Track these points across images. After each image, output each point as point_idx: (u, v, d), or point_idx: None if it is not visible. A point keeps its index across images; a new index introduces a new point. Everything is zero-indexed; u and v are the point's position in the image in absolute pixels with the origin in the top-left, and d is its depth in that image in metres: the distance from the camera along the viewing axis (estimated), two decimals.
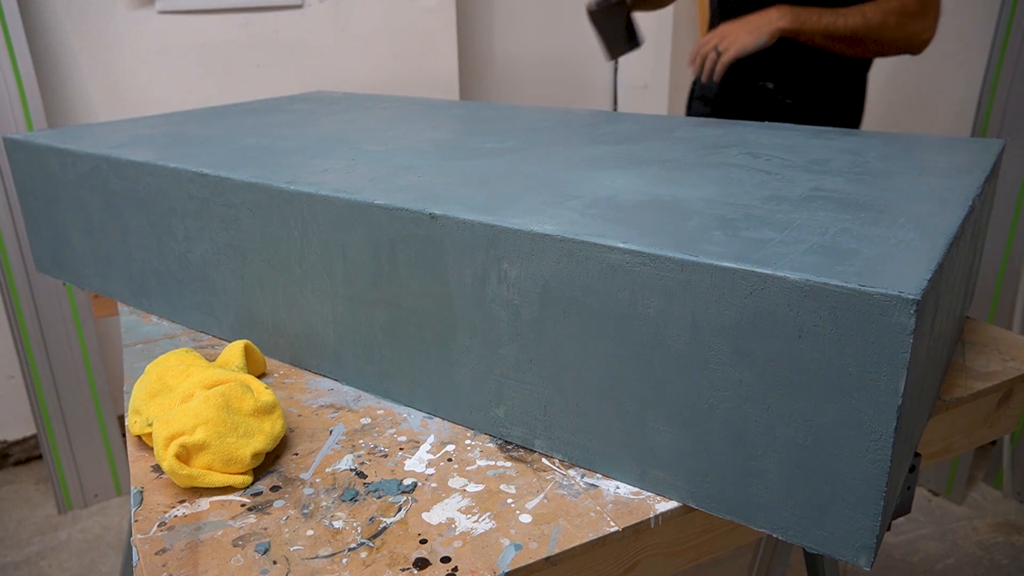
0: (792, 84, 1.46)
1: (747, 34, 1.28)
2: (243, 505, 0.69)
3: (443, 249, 0.73)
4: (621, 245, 0.62)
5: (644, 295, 0.62)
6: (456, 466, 0.73)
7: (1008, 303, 1.84)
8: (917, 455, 0.77)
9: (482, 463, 0.74)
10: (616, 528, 0.65)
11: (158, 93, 2.00)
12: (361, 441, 0.78)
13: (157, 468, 0.74)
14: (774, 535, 0.63)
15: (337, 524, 0.66)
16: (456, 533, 0.64)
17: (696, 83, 1.65)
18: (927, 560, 1.74)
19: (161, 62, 1.98)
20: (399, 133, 1.12)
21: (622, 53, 1.39)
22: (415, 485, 0.71)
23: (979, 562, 1.73)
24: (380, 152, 0.99)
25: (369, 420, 0.81)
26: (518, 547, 0.63)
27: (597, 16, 1.35)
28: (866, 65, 1.48)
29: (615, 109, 1.52)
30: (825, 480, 0.58)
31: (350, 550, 0.63)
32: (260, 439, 0.72)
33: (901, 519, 1.82)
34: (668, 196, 0.76)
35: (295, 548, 0.63)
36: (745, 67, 1.46)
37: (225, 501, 0.69)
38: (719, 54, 1.30)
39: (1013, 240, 1.79)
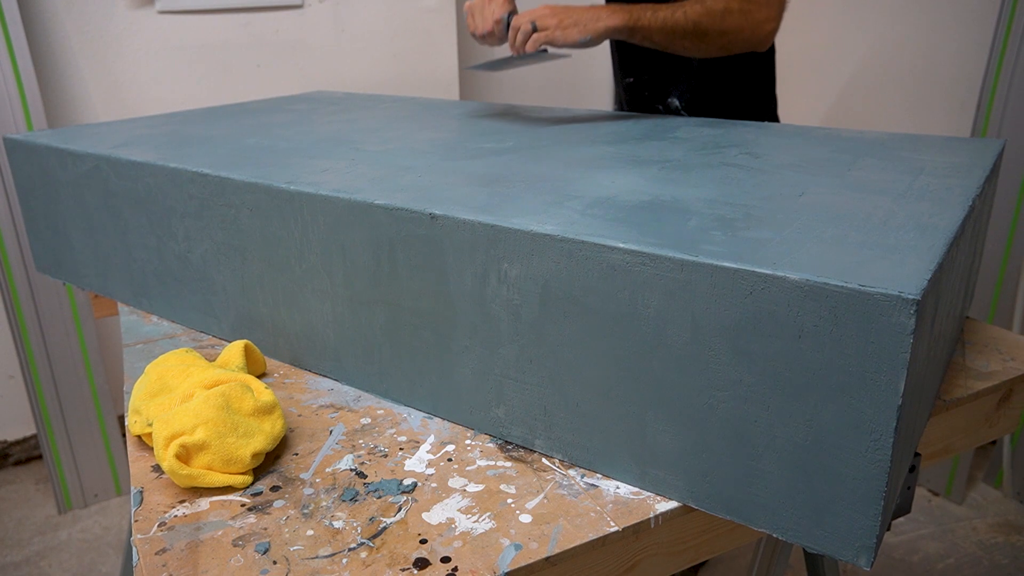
0: (699, 101, 1.39)
1: (572, 26, 1.13)
2: (243, 505, 0.69)
3: (443, 249, 0.73)
4: (621, 245, 0.62)
5: (644, 295, 0.62)
6: (456, 466, 0.73)
7: (1008, 303, 1.84)
8: (917, 455, 0.77)
9: (482, 463, 0.74)
10: (616, 528, 0.65)
11: (158, 93, 2.00)
12: (361, 441, 0.78)
13: (157, 468, 0.74)
14: (774, 535, 0.63)
15: (337, 524, 0.66)
16: (456, 533, 0.64)
17: (617, 98, 1.57)
18: (927, 560, 1.74)
19: (161, 62, 1.98)
20: (399, 133, 1.12)
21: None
22: (415, 485, 0.71)
23: (979, 562, 1.73)
24: (380, 152, 0.99)
25: (369, 420, 0.81)
26: (518, 547, 0.62)
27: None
28: (772, 78, 1.40)
29: (614, 109, 1.52)
30: (825, 480, 0.58)
31: (350, 550, 0.63)
32: (260, 439, 0.72)
33: (901, 519, 1.82)
34: (668, 196, 0.76)
35: (295, 548, 0.63)
36: (649, 85, 1.41)
37: (225, 501, 0.69)
38: (535, 30, 1.14)
39: (1013, 240, 1.79)
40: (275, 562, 0.62)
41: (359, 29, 2.20)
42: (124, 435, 1.44)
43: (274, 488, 0.71)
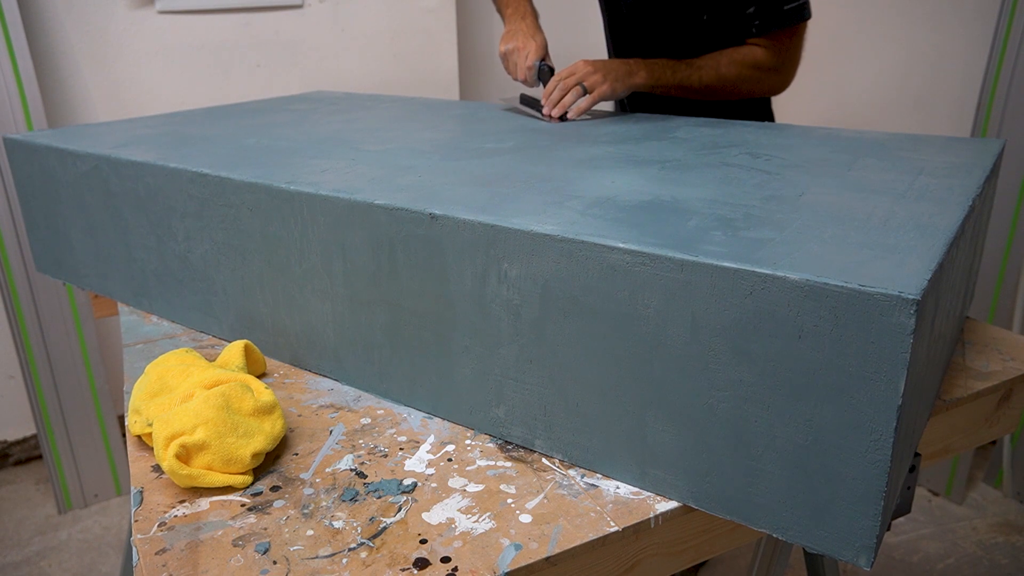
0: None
1: (616, 80, 1.21)
2: (243, 505, 0.69)
3: (443, 249, 0.73)
4: (621, 245, 0.62)
5: (644, 295, 0.62)
6: (456, 466, 0.73)
7: (1008, 303, 1.84)
8: (917, 455, 0.77)
9: (482, 463, 0.74)
10: (616, 528, 0.65)
11: (158, 93, 2.00)
12: (361, 441, 0.78)
13: (157, 468, 0.74)
14: (774, 535, 0.63)
15: (337, 524, 0.66)
16: (456, 533, 0.64)
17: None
18: (927, 560, 1.74)
19: (161, 62, 1.98)
20: (399, 133, 1.12)
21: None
22: (415, 485, 0.71)
23: (979, 562, 1.73)
24: (380, 152, 0.99)
25: (369, 420, 0.81)
26: (518, 547, 0.62)
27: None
28: (767, 102, 1.44)
29: (615, 109, 1.52)
30: (825, 480, 0.58)
31: (350, 550, 0.63)
32: (260, 439, 0.72)
33: (901, 519, 1.82)
34: (668, 196, 0.76)
35: (295, 548, 0.63)
36: (643, 109, 1.44)
37: (225, 501, 0.69)
38: (585, 91, 1.21)
39: (1013, 240, 1.79)
40: (275, 562, 0.62)
41: (359, 29, 2.20)
42: (124, 435, 1.44)
43: (274, 488, 0.71)
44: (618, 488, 0.69)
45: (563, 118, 1.21)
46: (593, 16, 1.51)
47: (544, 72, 1.26)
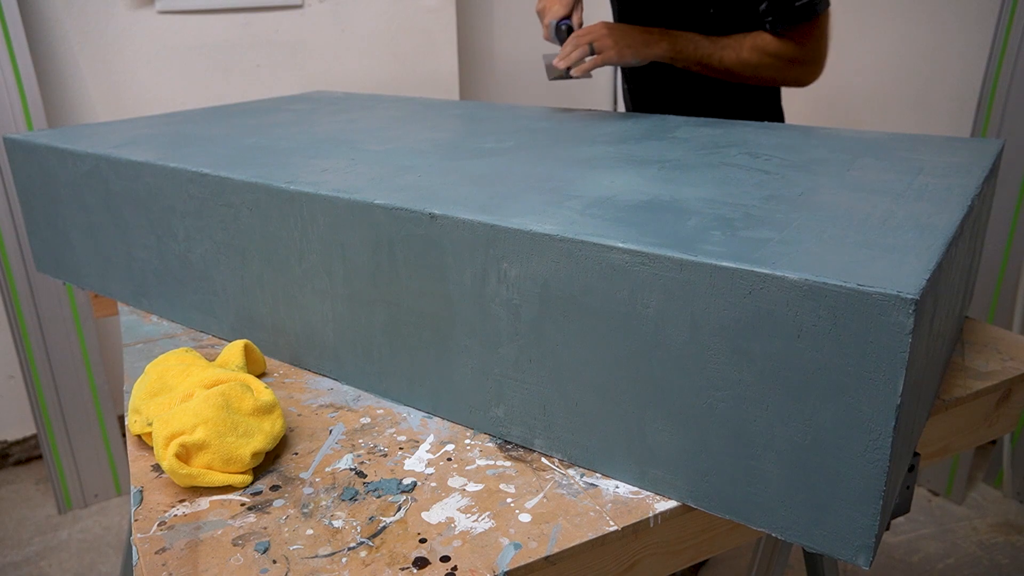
0: (701, 115, 1.40)
1: (626, 47, 1.20)
2: (243, 504, 0.69)
3: (443, 249, 0.73)
4: (620, 245, 0.62)
5: (643, 295, 0.62)
6: (455, 465, 0.73)
7: (1008, 303, 1.84)
8: (916, 455, 0.77)
9: (481, 463, 0.74)
10: (615, 527, 0.65)
11: (158, 93, 2.00)
12: (361, 440, 0.78)
13: (157, 468, 0.74)
14: (773, 534, 0.63)
15: (337, 523, 0.66)
16: (455, 532, 0.64)
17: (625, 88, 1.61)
18: (927, 560, 1.74)
19: (161, 62, 1.98)
20: (399, 133, 1.12)
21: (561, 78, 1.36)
22: (415, 484, 0.71)
23: (979, 562, 1.73)
24: (380, 152, 0.99)
25: (369, 420, 0.81)
26: (517, 546, 0.63)
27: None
28: (776, 94, 1.42)
29: (615, 109, 1.52)
30: (824, 479, 0.58)
31: (350, 549, 0.63)
32: (260, 438, 0.72)
33: (901, 519, 1.82)
34: (667, 196, 0.76)
35: (295, 547, 0.63)
36: (651, 97, 1.44)
37: (225, 500, 0.69)
38: (592, 52, 1.21)
39: (1013, 240, 1.79)
40: (275, 561, 0.62)
41: (359, 29, 2.20)
42: (124, 435, 1.44)
43: (274, 487, 0.71)
44: (617, 487, 0.69)
45: (569, 72, 1.23)
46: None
47: (561, 31, 1.26)
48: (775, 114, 1.43)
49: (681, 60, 1.24)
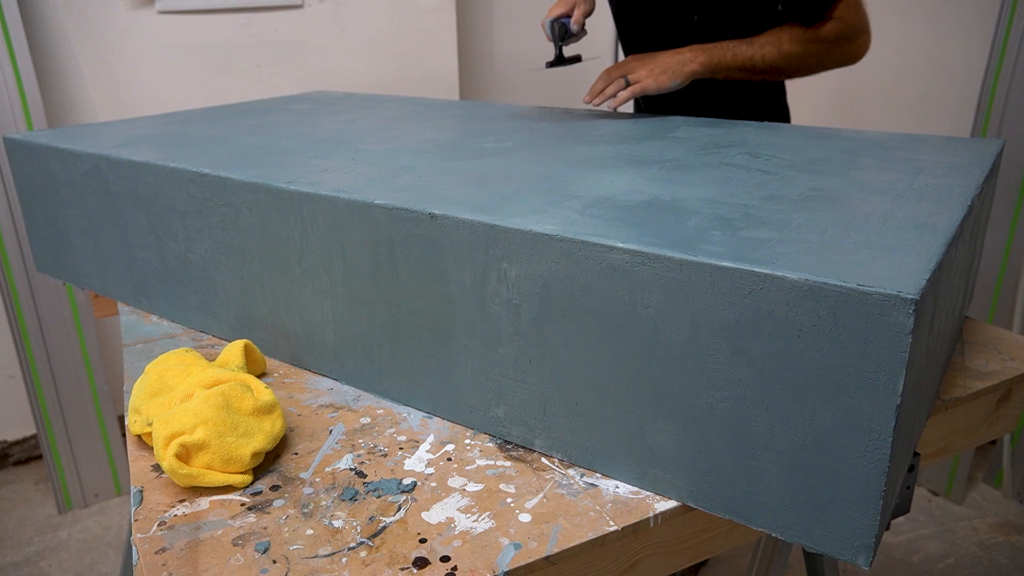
0: (707, 114, 1.37)
1: (661, 73, 1.18)
2: (243, 504, 0.69)
3: (443, 249, 0.73)
4: (620, 245, 0.62)
5: (643, 295, 0.62)
6: (456, 465, 0.73)
7: (1008, 303, 1.84)
8: (916, 454, 0.77)
9: (481, 463, 0.74)
10: (615, 527, 0.65)
11: (158, 93, 2.00)
12: (361, 441, 0.78)
13: (157, 468, 0.74)
14: (773, 534, 0.63)
15: (337, 523, 0.66)
16: (455, 532, 0.64)
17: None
18: (927, 560, 1.74)
19: (161, 62, 1.98)
20: (399, 133, 1.12)
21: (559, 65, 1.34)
22: (415, 484, 0.71)
23: (979, 562, 1.73)
24: (380, 152, 0.99)
25: (369, 420, 0.81)
26: (517, 546, 0.63)
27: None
28: (781, 91, 1.42)
29: (614, 109, 1.52)
30: (824, 479, 0.58)
31: (349, 549, 0.63)
32: (260, 439, 0.72)
33: (901, 519, 1.82)
34: (667, 196, 0.76)
35: (295, 547, 0.63)
36: (655, 97, 1.42)
37: (225, 500, 0.69)
38: (628, 84, 1.20)
39: (1013, 240, 1.79)
40: (275, 561, 0.62)
41: (359, 29, 2.20)
42: (124, 435, 1.44)
43: (274, 487, 0.71)
44: (617, 487, 0.69)
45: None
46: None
47: (555, 28, 1.24)
48: (781, 110, 1.43)
49: (722, 71, 1.21)
